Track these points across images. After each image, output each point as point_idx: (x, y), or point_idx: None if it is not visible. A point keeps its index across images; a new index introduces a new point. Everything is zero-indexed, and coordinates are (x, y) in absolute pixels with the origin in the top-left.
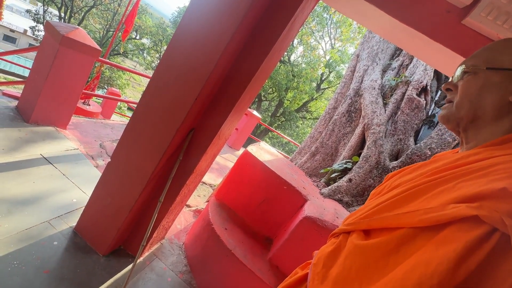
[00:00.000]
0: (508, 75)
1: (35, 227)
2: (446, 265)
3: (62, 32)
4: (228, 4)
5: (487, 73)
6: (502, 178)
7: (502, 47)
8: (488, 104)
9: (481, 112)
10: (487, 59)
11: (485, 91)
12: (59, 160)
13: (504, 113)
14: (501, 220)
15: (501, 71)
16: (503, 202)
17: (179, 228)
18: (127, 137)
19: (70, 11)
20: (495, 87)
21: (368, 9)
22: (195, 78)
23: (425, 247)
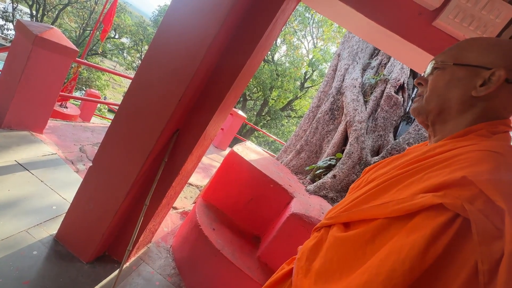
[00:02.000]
0: (472, 71)
1: (12, 237)
2: (416, 250)
3: (35, 32)
4: (210, 3)
5: (454, 69)
6: (463, 167)
7: (468, 45)
8: (454, 97)
9: (447, 105)
10: (455, 55)
11: (451, 85)
12: (36, 166)
13: (467, 107)
14: (462, 206)
15: (466, 67)
16: (463, 189)
17: (166, 231)
18: (110, 139)
19: (42, 9)
20: (460, 82)
21: (346, 11)
22: (179, 78)
23: (398, 235)
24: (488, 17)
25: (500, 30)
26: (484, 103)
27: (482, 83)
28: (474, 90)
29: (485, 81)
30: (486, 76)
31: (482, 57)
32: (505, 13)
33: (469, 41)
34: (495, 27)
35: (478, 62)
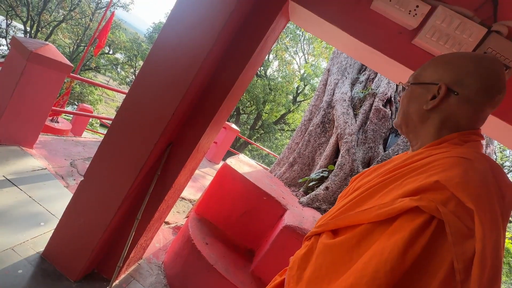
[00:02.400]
0: (425, 88)
1: None
2: (396, 251)
3: (30, 48)
4: (204, 23)
5: (413, 87)
6: (437, 172)
7: (427, 64)
8: (413, 112)
9: (410, 118)
10: (415, 76)
11: (410, 102)
12: (24, 181)
13: (424, 119)
14: (437, 208)
15: (421, 85)
16: (437, 193)
17: (158, 246)
18: (102, 153)
19: (37, 25)
20: (416, 98)
21: (333, 30)
22: (173, 92)
23: (380, 239)
24: (462, 36)
25: (474, 47)
26: (437, 115)
27: (431, 97)
28: (425, 104)
29: (434, 95)
30: (435, 91)
31: (434, 74)
32: (477, 33)
33: (431, 60)
34: (468, 45)
35: (429, 79)
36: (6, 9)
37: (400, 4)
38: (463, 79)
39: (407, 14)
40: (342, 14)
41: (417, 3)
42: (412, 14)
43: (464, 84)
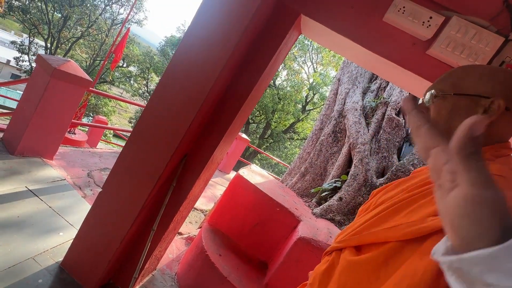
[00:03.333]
0: (472, 100)
1: (19, 265)
2: (430, 273)
3: (53, 64)
4: (219, 38)
5: (455, 98)
6: None
7: (464, 73)
8: (457, 125)
9: (451, 133)
10: (453, 85)
11: (454, 114)
12: (45, 191)
13: None
14: None
15: (466, 96)
16: None
17: (171, 257)
18: (120, 165)
19: (56, 42)
20: (462, 110)
21: (344, 42)
22: (189, 106)
23: (411, 258)
24: (478, 46)
25: (491, 57)
26: (486, 130)
27: (483, 111)
28: None
29: (485, 109)
30: (486, 104)
31: (479, 86)
32: (494, 43)
33: (465, 70)
34: (485, 54)
35: (476, 91)
36: (30, 27)
37: (413, 16)
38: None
39: (421, 25)
40: (354, 26)
41: (430, 14)
42: (425, 25)
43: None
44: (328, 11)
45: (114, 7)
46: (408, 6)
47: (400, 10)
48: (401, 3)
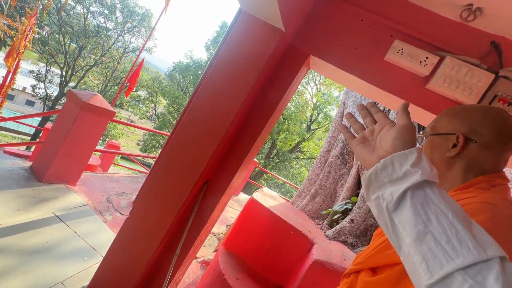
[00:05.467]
0: (443, 137)
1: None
2: None
3: (83, 99)
4: (240, 76)
5: (432, 138)
6: None
7: (441, 116)
8: (437, 159)
9: (436, 166)
10: (432, 127)
11: (433, 151)
12: (70, 217)
13: (449, 165)
14: None
15: (439, 135)
16: None
17: (188, 282)
18: (147, 192)
19: (71, 70)
20: (437, 147)
21: (349, 77)
22: (212, 136)
23: None
24: (471, 81)
25: (484, 91)
26: (462, 160)
27: (452, 145)
28: (448, 152)
29: (454, 144)
30: (454, 139)
31: (449, 125)
32: (485, 79)
33: (442, 113)
34: (479, 89)
35: (446, 130)
36: (47, 57)
37: (411, 56)
38: (476, 128)
39: (418, 64)
40: (358, 65)
41: (426, 55)
42: (423, 64)
43: (478, 133)
44: (334, 52)
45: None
46: (406, 48)
47: (399, 51)
48: (399, 46)
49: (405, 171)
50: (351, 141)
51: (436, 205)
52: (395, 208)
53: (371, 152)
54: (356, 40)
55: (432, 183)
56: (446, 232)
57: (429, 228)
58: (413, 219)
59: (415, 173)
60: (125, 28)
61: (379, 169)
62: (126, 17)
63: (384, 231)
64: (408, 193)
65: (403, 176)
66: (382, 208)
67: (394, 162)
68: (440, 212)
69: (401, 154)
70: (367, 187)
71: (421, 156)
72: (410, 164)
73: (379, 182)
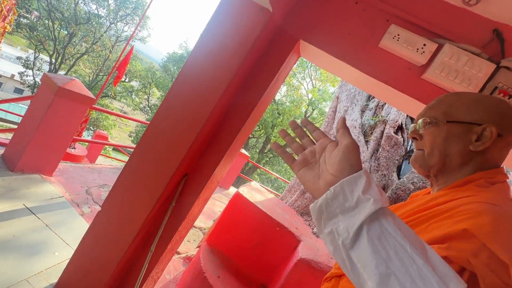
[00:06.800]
0: (465, 127)
1: (12, 287)
2: None
3: (58, 83)
4: (224, 60)
5: (448, 125)
6: (464, 219)
7: (455, 100)
8: (454, 152)
9: (448, 159)
10: (445, 112)
11: (449, 141)
12: (42, 209)
13: (467, 160)
14: (467, 260)
15: (459, 124)
16: (466, 242)
17: (168, 278)
18: (121, 184)
19: (61, 57)
20: (457, 137)
21: (342, 65)
22: (191, 125)
23: None
24: (471, 72)
25: (484, 83)
26: (481, 156)
27: (476, 138)
28: (472, 145)
29: (478, 136)
30: (479, 131)
31: (471, 114)
32: (486, 69)
33: (455, 97)
34: (478, 80)
35: (468, 119)
36: (36, 43)
37: (407, 43)
38: (503, 121)
39: (415, 51)
40: (351, 51)
41: (424, 42)
42: (420, 51)
43: (504, 125)
44: (326, 37)
45: (119, 24)
46: (403, 33)
47: (395, 37)
48: (395, 31)
49: (357, 199)
50: (291, 164)
51: (393, 237)
52: (352, 245)
53: (317, 177)
54: (350, 25)
55: (384, 209)
56: (409, 271)
57: (391, 268)
58: (373, 259)
59: (367, 202)
60: (118, 16)
61: (330, 199)
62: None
63: (341, 267)
64: (364, 228)
65: (355, 205)
66: (338, 245)
67: (345, 189)
68: (399, 246)
69: (350, 179)
70: (318, 219)
71: (370, 180)
72: (361, 190)
73: (330, 213)
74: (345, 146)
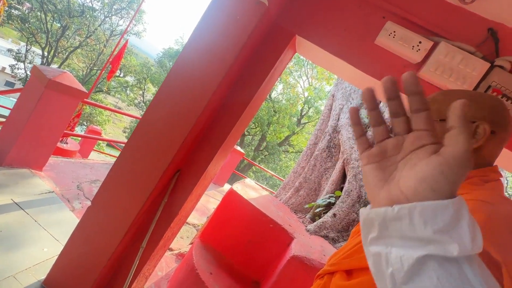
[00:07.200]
0: None
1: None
2: None
3: (49, 75)
4: (218, 55)
5: (441, 124)
6: None
7: (447, 99)
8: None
9: None
10: (438, 111)
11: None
12: (31, 204)
13: None
14: None
15: None
16: None
17: (160, 275)
18: (112, 179)
19: (54, 51)
20: None
21: (338, 63)
22: (183, 121)
23: None
24: (465, 70)
25: (478, 81)
26: (475, 154)
27: None
28: None
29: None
30: (472, 129)
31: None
32: (480, 68)
33: (446, 95)
34: (472, 79)
35: None
36: (28, 36)
37: (403, 40)
38: (496, 119)
39: (411, 49)
40: (347, 48)
41: (419, 39)
42: (415, 49)
43: (497, 123)
44: (322, 33)
45: (114, 18)
46: (399, 30)
47: (391, 34)
48: (391, 28)
49: (429, 236)
50: (363, 152)
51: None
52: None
53: (383, 181)
54: (346, 21)
55: (473, 257)
56: None
57: None
58: None
59: (446, 244)
60: (113, 9)
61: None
62: None
63: None
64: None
65: (424, 241)
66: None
67: (414, 216)
68: None
69: (428, 206)
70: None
71: (460, 214)
72: (441, 226)
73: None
74: (451, 156)
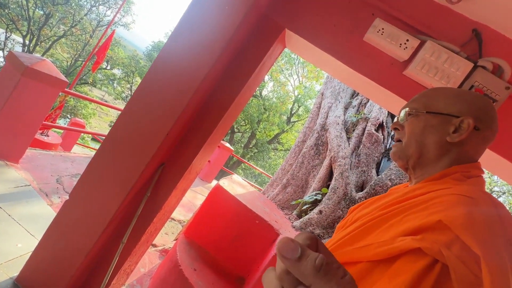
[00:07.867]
0: (444, 118)
1: None
2: None
3: (26, 63)
4: (204, 46)
5: (427, 116)
6: (439, 211)
7: (435, 94)
8: (431, 143)
9: (425, 150)
10: (426, 104)
11: (427, 132)
12: (5, 198)
13: (444, 152)
14: (440, 252)
15: (438, 115)
16: (440, 233)
17: (143, 271)
18: (91, 172)
19: (36, 39)
20: (435, 128)
21: (327, 58)
22: (168, 112)
23: (380, 280)
24: (450, 69)
25: (461, 81)
26: (458, 148)
27: (454, 130)
28: (449, 137)
29: (456, 128)
30: (457, 123)
31: (449, 106)
32: (464, 67)
33: (436, 91)
34: (456, 78)
35: (447, 110)
36: (7, 22)
37: (391, 38)
38: (481, 116)
39: (398, 46)
40: (336, 44)
41: (407, 37)
42: (402, 47)
43: (483, 120)
44: (312, 27)
45: (101, 8)
46: (387, 28)
47: (379, 31)
48: (380, 25)
49: None
50: None
51: None
52: None
53: None
54: (336, 16)
55: None
56: None
57: None
58: None
59: None
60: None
61: None
62: None
63: None
64: None
65: None
66: None
67: None
68: None
69: None
70: None
71: None
72: None
73: None
74: None
